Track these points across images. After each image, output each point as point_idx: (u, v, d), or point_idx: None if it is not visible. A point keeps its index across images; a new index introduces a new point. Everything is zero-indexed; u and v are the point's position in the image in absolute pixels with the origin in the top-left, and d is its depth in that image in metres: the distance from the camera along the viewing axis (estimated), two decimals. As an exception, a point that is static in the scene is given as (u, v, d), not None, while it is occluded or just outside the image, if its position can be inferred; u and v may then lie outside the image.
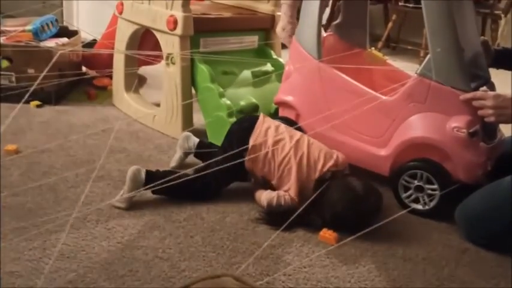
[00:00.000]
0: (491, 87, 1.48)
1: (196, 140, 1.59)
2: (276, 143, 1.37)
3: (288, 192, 1.35)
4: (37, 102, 2.03)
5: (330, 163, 1.36)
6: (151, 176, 1.35)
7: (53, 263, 1.07)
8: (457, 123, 1.34)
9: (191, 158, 1.61)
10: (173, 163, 1.58)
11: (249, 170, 1.41)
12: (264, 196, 1.36)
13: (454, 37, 1.35)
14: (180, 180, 1.25)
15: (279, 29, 1.79)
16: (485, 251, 1.27)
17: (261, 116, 1.46)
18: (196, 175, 1.34)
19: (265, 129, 1.41)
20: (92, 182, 1.38)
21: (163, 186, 1.21)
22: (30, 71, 2.00)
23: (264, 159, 1.38)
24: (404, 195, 1.43)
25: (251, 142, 1.38)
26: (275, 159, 1.37)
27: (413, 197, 1.42)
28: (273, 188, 1.39)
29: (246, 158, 1.37)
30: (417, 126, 1.40)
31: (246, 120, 1.49)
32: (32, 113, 1.97)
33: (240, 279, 0.51)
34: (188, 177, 1.30)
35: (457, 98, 1.34)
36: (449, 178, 1.37)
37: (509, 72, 1.63)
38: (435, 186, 1.37)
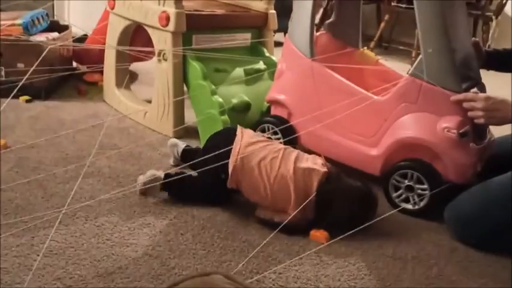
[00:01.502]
0: (482, 88, 1.49)
1: (182, 146, 1.55)
2: (260, 161, 1.27)
3: (288, 212, 1.25)
4: (26, 97, 2.01)
5: (321, 162, 1.31)
6: (170, 186, 1.35)
7: (41, 260, 1.06)
8: (448, 123, 1.35)
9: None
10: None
11: (234, 189, 1.31)
12: (258, 212, 1.31)
13: (445, 38, 1.35)
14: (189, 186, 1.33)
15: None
16: (474, 251, 1.28)
17: (239, 129, 1.34)
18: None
19: (245, 145, 1.29)
20: (81, 178, 1.37)
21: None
22: (20, 65, 1.98)
23: (249, 180, 1.28)
24: (394, 194, 1.43)
25: (231, 163, 1.26)
26: (264, 180, 1.26)
27: (403, 196, 1.43)
28: None
29: (229, 181, 1.28)
30: (408, 127, 1.41)
31: (221, 134, 1.41)
32: (21, 108, 1.95)
33: (230, 278, 0.51)
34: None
35: (448, 99, 1.35)
36: (440, 178, 1.38)
37: (500, 73, 1.65)
38: (425, 186, 1.38)
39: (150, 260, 1.11)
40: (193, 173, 1.42)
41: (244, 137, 1.32)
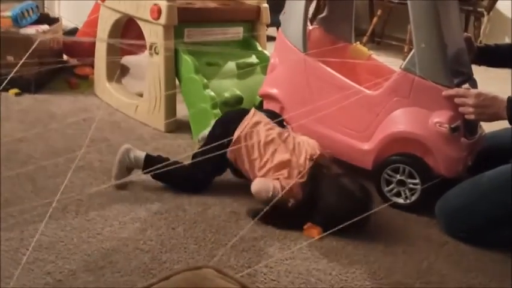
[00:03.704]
0: (474, 83, 1.50)
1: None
2: (266, 144, 1.33)
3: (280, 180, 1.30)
4: (16, 90, 1.99)
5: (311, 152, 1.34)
6: (150, 161, 1.36)
7: (31, 254, 1.05)
8: (440, 118, 1.35)
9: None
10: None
11: (231, 161, 1.39)
12: (254, 184, 1.32)
13: (438, 33, 1.35)
14: (172, 168, 1.27)
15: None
16: (464, 245, 1.29)
17: (252, 109, 1.42)
18: (180, 165, 1.33)
19: (254, 123, 1.37)
20: (71, 172, 1.35)
21: (160, 171, 1.24)
22: (9, 58, 1.95)
23: (248, 155, 1.34)
24: (386, 189, 1.44)
25: (236, 133, 1.35)
26: (262, 158, 1.33)
27: (395, 190, 1.43)
28: None
29: (229, 149, 1.34)
30: (400, 121, 1.41)
31: (235, 112, 1.46)
32: (11, 101, 1.93)
33: (221, 271, 0.50)
34: (178, 165, 1.32)
35: (440, 94, 1.35)
36: (431, 172, 1.38)
37: (491, 68, 1.65)
38: (417, 181, 1.39)
39: (141, 254, 1.11)
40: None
41: (255, 117, 1.39)
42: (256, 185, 1.31)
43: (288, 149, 1.34)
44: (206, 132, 1.56)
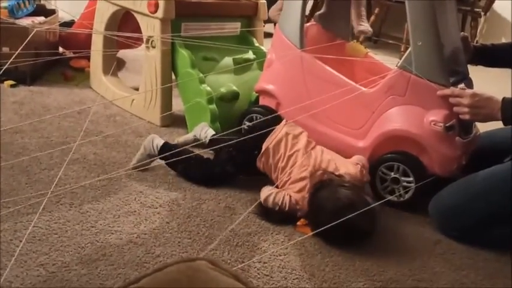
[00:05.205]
0: (469, 83, 1.50)
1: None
2: (289, 156, 1.34)
3: (292, 193, 1.30)
4: (11, 82, 1.98)
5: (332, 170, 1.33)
6: (166, 149, 1.40)
7: (24, 246, 1.05)
8: (435, 117, 1.36)
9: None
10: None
11: (259, 169, 1.39)
12: (263, 191, 1.31)
13: (435, 32, 1.36)
14: (190, 158, 1.37)
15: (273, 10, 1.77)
16: (457, 243, 1.30)
17: (284, 121, 1.43)
18: (197, 156, 1.39)
19: (283, 136, 1.37)
20: (66, 164, 1.35)
21: (174, 159, 1.33)
22: (5, 49, 1.94)
23: (275, 165, 1.35)
24: (380, 186, 1.44)
25: (265, 145, 1.36)
26: (284, 169, 1.34)
27: (389, 188, 1.44)
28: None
29: (258, 159, 1.36)
30: (396, 119, 1.41)
31: (268, 119, 1.46)
32: (6, 92, 1.92)
33: (215, 263, 0.51)
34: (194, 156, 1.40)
35: (435, 92, 1.36)
36: (425, 171, 1.39)
37: (487, 68, 1.66)
38: (411, 179, 1.39)
39: (134, 247, 1.11)
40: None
41: (284, 129, 1.40)
42: (265, 194, 1.30)
43: (309, 163, 1.32)
44: (188, 136, 1.59)
